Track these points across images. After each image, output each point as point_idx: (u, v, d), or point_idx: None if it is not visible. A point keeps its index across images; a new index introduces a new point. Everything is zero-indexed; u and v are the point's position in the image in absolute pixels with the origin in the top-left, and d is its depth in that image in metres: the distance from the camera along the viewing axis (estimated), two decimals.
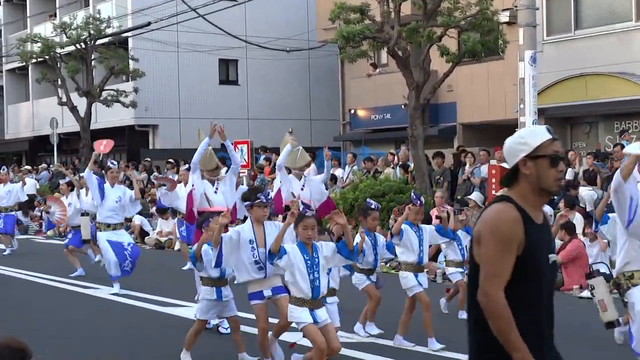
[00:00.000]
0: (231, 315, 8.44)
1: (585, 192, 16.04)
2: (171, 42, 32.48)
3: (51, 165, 31.80)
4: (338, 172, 22.56)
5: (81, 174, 17.11)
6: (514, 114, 17.97)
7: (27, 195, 21.33)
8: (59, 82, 31.71)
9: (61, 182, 16.81)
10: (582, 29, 21.62)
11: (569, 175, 16.76)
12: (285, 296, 7.73)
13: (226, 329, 9.60)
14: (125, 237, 13.57)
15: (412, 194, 9.90)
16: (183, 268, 15.50)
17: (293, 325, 7.69)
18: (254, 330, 8.42)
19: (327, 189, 14.99)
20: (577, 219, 13.83)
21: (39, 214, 24.35)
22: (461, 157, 20.29)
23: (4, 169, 19.86)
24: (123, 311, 12.18)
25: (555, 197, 16.22)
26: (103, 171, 16.16)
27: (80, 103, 31.34)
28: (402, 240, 9.08)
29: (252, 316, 8.41)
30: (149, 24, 29.71)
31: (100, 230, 13.28)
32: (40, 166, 33.06)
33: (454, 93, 26.06)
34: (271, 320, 8.23)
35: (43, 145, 39.13)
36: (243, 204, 11.01)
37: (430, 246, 10.62)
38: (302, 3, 34.49)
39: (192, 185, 10.24)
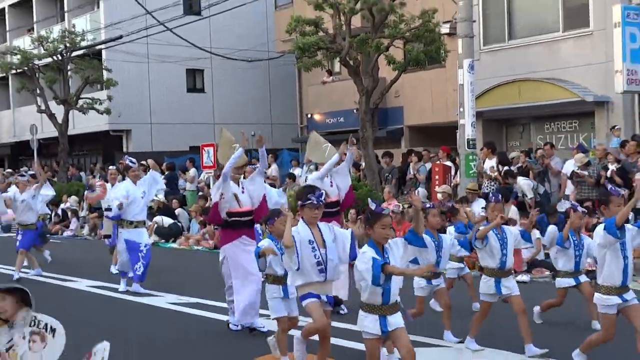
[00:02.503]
0: (293, 315, 7.46)
1: (523, 182, 16.25)
2: (141, 54, 32.25)
3: (31, 169, 31.37)
4: (297, 171, 22.56)
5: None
6: (454, 117, 18.13)
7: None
8: (38, 92, 31.29)
9: (19, 178, 15.95)
10: (515, 39, 21.82)
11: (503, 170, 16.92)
12: (329, 310, 6.80)
13: (236, 325, 9.12)
14: (144, 238, 12.61)
15: (491, 192, 8.76)
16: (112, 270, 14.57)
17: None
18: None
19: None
20: (513, 211, 13.97)
21: None
22: (409, 156, 20.40)
23: None
24: (102, 302, 12.10)
25: (491, 191, 16.46)
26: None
27: (58, 110, 30.97)
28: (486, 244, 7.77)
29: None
30: (120, 37, 29.45)
31: (123, 227, 12.48)
32: (21, 169, 32.61)
33: (400, 98, 26.20)
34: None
35: (24, 150, 38.54)
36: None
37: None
38: (262, 17, 34.41)
39: (222, 195, 9.14)
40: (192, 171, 24.08)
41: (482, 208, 12.32)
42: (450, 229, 9.57)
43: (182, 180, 24.29)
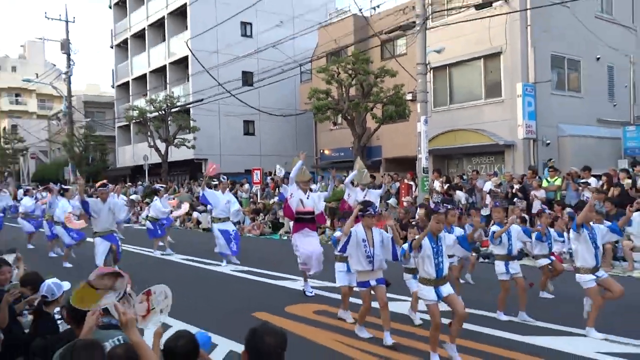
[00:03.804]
0: (352, 285, 6.90)
1: (461, 194, 16.18)
2: (215, 110, 32.42)
3: (144, 182, 31.53)
4: (313, 187, 22.49)
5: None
6: (415, 153, 18.11)
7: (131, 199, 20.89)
8: (149, 134, 31.44)
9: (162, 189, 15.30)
10: (454, 103, 21.82)
11: (446, 187, 16.85)
12: (383, 287, 6.20)
13: (311, 292, 8.45)
14: (230, 226, 11.97)
15: (495, 201, 8.02)
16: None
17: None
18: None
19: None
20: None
21: (138, 210, 24.06)
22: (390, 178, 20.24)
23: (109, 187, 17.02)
24: (188, 268, 11.98)
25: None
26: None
27: (161, 146, 31.12)
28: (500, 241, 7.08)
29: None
30: (202, 100, 29.64)
31: (215, 222, 12.04)
32: (137, 183, 32.82)
33: (380, 140, 26.15)
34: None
35: (139, 171, 38.74)
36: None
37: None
38: (292, 88, 34.51)
39: (291, 194, 8.60)
40: (246, 185, 24.12)
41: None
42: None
43: (239, 191, 24.31)
